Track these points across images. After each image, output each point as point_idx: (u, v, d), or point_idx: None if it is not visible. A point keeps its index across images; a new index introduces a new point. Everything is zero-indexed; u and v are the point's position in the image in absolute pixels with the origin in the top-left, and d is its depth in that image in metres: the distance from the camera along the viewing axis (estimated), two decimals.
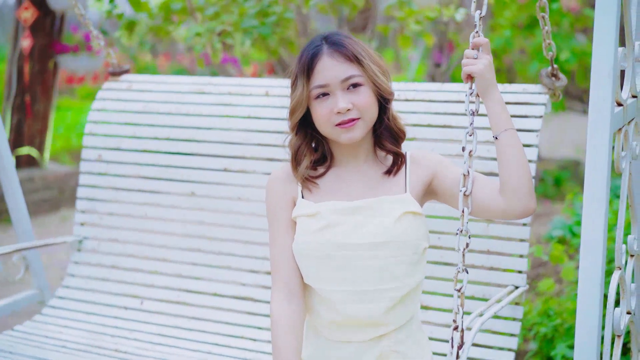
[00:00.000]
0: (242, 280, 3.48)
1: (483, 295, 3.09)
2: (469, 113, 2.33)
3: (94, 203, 3.79)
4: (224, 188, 3.55)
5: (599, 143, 2.20)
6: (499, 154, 2.35)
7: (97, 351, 3.32)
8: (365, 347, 2.43)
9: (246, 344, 3.34)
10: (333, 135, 2.41)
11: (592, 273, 2.16)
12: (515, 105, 3.14)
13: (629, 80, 2.44)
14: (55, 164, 8.54)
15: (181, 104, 3.71)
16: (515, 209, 2.32)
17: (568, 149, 9.26)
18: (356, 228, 2.37)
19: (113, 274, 3.70)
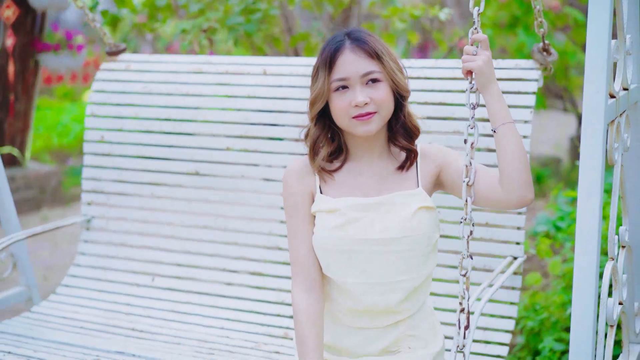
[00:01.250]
0: (249, 255, 3.61)
1: (483, 266, 3.24)
2: (470, 107, 2.45)
3: (99, 183, 3.88)
4: (227, 167, 3.65)
5: (593, 134, 2.30)
6: (498, 147, 2.47)
7: (113, 330, 3.46)
8: (382, 333, 2.58)
9: (257, 318, 3.48)
10: (350, 128, 2.52)
11: (587, 263, 2.28)
12: (508, 82, 3.24)
13: (621, 73, 2.54)
14: (36, 163, 8.48)
15: (180, 84, 3.78)
16: (513, 199, 2.44)
17: (548, 147, 9.35)
18: (374, 224, 2.50)
19: (123, 251, 3.82)
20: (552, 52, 3.25)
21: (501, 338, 3.18)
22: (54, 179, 8.03)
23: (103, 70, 3.97)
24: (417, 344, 2.60)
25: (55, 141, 9.46)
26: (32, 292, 3.88)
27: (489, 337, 3.19)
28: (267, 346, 3.32)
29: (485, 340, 3.19)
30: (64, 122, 10.10)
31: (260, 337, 3.39)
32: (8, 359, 3.06)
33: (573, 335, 2.32)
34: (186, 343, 3.34)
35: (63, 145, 9.37)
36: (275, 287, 3.54)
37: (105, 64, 4.00)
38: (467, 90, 2.46)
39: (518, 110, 3.19)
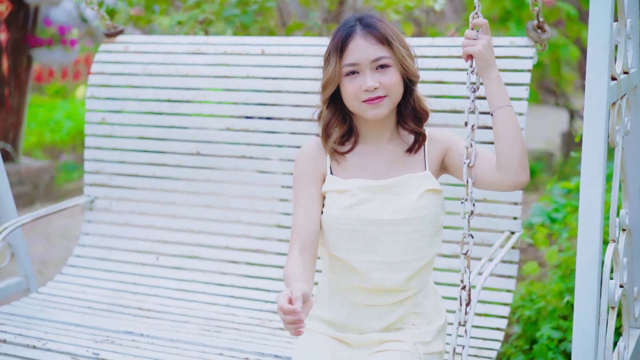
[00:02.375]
0: (251, 233, 3.68)
1: (482, 240, 3.32)
2: (470, 90, 2.52)
3: (101, 164, 3.94)
4: (228, 147, 3.71)
5: (596, 116, 2.34)
6: (495, 129, 2.54)
7: (121, 310, 3.54)
8: (387, 310, 2.67)
9: (261, 295, 3.57)
10: (360, 111, 2.60)
11: (590, 243, 2.34)
12: (504, 59, 3.29)
13: (622, 56, 2.59)
14: (29, 159, 8.48)
15: (180, 65, 3.82)
16: (507, 180, 2.52)
17: (541, 142, 9.40)
18: (383, 205, 2.59)
19: (126, 231, 3.88)
20: (546, 29, 3.30)
21: (500, 311, 3.27)
22: (47, 175, 8.04)
23: (102, 52, 4.01)
24: (421, 321, 2.69)
25: (48, 137, 9.48)
26: (29, 283, 3.93)
27: (488, 310, 3.28)
28: (272, 322, 3.41)
29: (485, 314, 3.27)
30: (56, 118, 10.11)
31: (265, 314, 3.48)
32: (19, 340, 3.13)
33: (576, 317, 2.38)
34: (193, 321, 3.42)
35: (55, 141, 9.39)
36: (278, 264, 3.61)
37: (103, 45, 4.03)
38: (468, 74, 2.53)
39: (513, 87, 3.24)
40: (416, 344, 2.63)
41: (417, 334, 2.66)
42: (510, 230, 3.28)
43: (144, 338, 3.22)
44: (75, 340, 3.16)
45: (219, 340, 3.21)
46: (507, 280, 3.30)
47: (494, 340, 3.21)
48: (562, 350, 3.69)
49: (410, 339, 2.64)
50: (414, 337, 2.65)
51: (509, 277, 3.30)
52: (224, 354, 3.07)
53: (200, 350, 3.10)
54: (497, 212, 3.31)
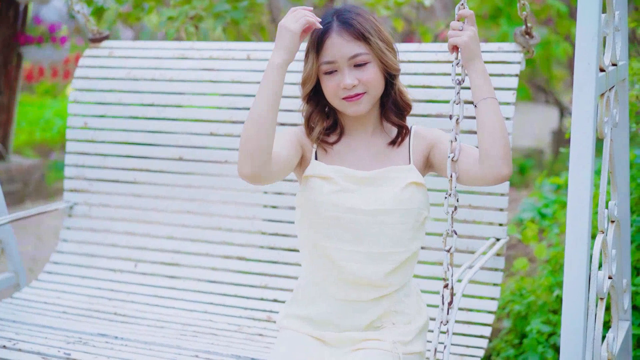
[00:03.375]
0: (233, 240, 3.61)
1: (467, 247, 3.25)
2: (455, 82, 2.48)
3: (82, 170, 3.87)
4: (211, 151, 3.65)
5: (584, 106, 2.32)
6: (478, 121, 2.50)
7: (97, 315, 3.45)
8: (366, 306, 2.59)
9: (240, 302, 3.48)
10: (340, 108, 2.58)
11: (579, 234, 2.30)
12: (491, 64, 3.26)
13: (610, 47, 2.57)
14: (19, 157, 8.44)
15: (165, 69, 3.78)
16: (489, 174, 2.47)
17: (531, 139, 9.46)
18: (366, 196, 2.54)
19: (106, 238, 3.80)
20: (534, 35, 3.27)
21: (484, 319, 3.19)
22: (37, 173, 7.99)
23: (86, 57, 3.96)
24: (401, 320, 2.62)
25: (38, 135, 9.43)
26: (19, 278, 3.87)
27: (472, 319, 3.20)
28: (250, 329, 3.32)
29: (468, 321, 3.20)
30: (46, 117, 10.06)
31: (244, 321, 3.39)
32: None
33: (565, 308, 2.34)
34: (170, 327, 3.33)
35: (46, 140, 9.32)
36: (259, 271, 3.54)
37: (88, 50, 3.98)
38: (453, 65, 2.49)
39: (501, 92, 3.20)
40: (395, 344, 2.56)
41: (396, 333, 2.59)
42: (496, 237, 3.21)
43: (118, 340, 3.13)
44: (46, 341, 3.08)
45: (195, 344, 3.12)
46: (491, 288, 3.23)
47: (477, 347, 3.13)
48: (552, 344, 3.67)
49: (389, 338, 2.57)
50: (393, 336, 2.58)
51: (494, 284, 3.22)
52: (200, 356, 2.98)
53: (175, 352, 3.02)
54: (482, 219, 3.24)
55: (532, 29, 3.26)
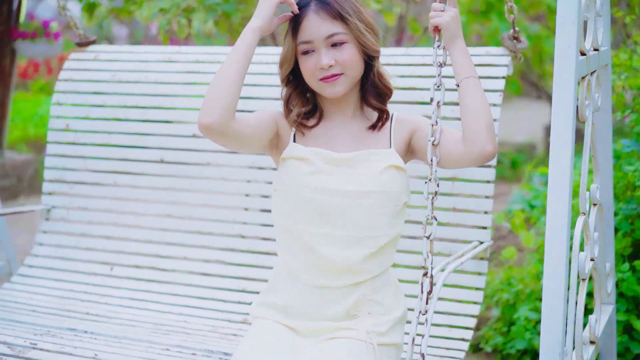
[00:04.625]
0: (212, 244, 3.53)
1: (449, 251, 3.18)
2: (436, 65, 2.45)
3: (62, 172, 3.80)
4: (193, 154, 3.59)
5: (564, 88, 2.32)
6: (461, 100, 2.47)
7: (67, 314, 3.35)
8: (342, 293, 2.50)
9: (217, 305, 3.40)
10: (318, 89, 2.53)
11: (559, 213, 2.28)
12: (479, 67, 3.22)
13: (591, 32, 2.56)
14: (13, 152, 8.42)
15: (149, 72, 3.74)
16: (474, 152, 2.42)
17: (523, 134, 9.50)
18: (343, 177, 2.48)
19: (82, 241, 3.72)
20: (521, 40, 3.26)
21: (466, 322, 3.10)
22: (31, 168, 7.93)
23: (71, 60, 3.93)
24: (378, 310, 2.53)
25: (32, 132, 9.38)
26: (12, 267, 3.82)
27: (454, 322, 3.11)
28: (225, 329, 3.23)
29: (449, 325, 3.11)
30: (40, 113, 10.04)
31: (219, 322, 3.31)
32: None
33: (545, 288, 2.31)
34: (142, 325, 3.24)
35: (39, 136, 9.26)
36: (237, 275, 3.46)
37: (74, 54, 3.95)
38: (434, 48, 2.46)
39: (488, 94, 3.16)
40: (370, 334, 2.47)
41: (371, 323, 2.50)
42: (479, 240, 3.14)
43: (87, 334, 3.04)
44: (14, 332, 3.00)
45: (167, 339, 3.03)
46: (474, 292, 3.14)
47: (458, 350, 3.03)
48: (539, 331, 3.59)
49: (363, 328, 2.48)
50: (368, 326, 2.48)
51: (476, 289, 3.14)
52: (171, 349, 2.89)
53: (145, 346, 2.93)
54: (466, 222, 3.18)
55: (520, 33, 3.24)
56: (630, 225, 3.53)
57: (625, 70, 3.53)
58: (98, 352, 2.75)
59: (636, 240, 3.57)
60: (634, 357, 3.55)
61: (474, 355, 4.10)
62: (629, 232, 3.56)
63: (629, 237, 3.56)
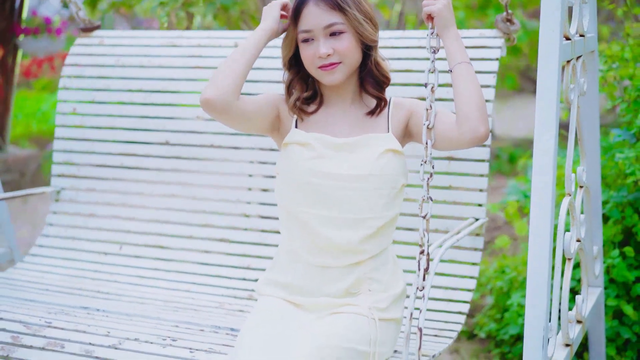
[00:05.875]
0: (216, 223, 3.65)
1: (446, 228, 3.29)
2: (430, 51, 2.57)
3: (70, 155, 3.91)
4: (197, 136, 3.70)
5: (548, 70, 2.41)
6: (454, 85, 2.58)
7: (79, 293, 3.47)
8: (343, 272, 2.63)
9: (223, 282, 3.52)
10: (317, 76, 2.65)
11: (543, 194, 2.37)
12: (473, 49, 3.33)
13: (576, 17, 2.65)
14: (16, 147, 8.49)
15: (152, 56, 3.84)
16: (467, 133, 2.53)
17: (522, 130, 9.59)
18: (342, 161, 2.60)
19: (91, 222, 3.84)
20: (514, 22, 3.35)
21: (463, 296, 3.22)
22: (34, 163, 8.01)
23: (77, 45, 4.03)
24: (378, 287, 2.65)
25: (35, 127, 9.47)
26: (14, 254, 3.91)
27: (451, 296, 3.23)
28: (231, 305, 3.35)
29: (447, 299, 3.23)
30: (43, 109, 10.12)
31: (225, 299, 3.43)
32: None
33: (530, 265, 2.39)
34: (151, 303, 3.36)
35: (42, 131, 9.35)
36: (241, 252, 3.58)
37: (79, 39, 4.05)
38: (428, 35, 2.57)
39: (482, 75, 3.26)
40: (371, 309, 2.59)
41: (372, 299, 2.63)
42: (475, 217, 3.26)
43: (99, 312, 3.17)
44: (28, 311, 3.10)
45: (175, 316, 3.15)
46: (470, 267, 3.26)
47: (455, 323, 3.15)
48: None
49: (365, 304, 2.60)
50: (369, 303, 2.61)
51: (472, 264, 3.26)
52: (180, 326, 3.02)
53: (155, 322, 3.05)
54: (461, 199, 3.29)
55: (513, 16, 3.34)
56: (621, 213, 3.62)
57: (617, 61, 3.62)
58: (111, 330, 2.87)
59: (626, 227, 3.65)
60: (624, 341, 3.65)
61: (468, 342, 4.22)
62: (620, 220, 3.64)
63: (620, 225, 3.64)
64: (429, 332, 3.05)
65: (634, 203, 3.62)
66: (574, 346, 2.80)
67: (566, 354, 2.69)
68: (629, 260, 3.61)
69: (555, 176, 2.38)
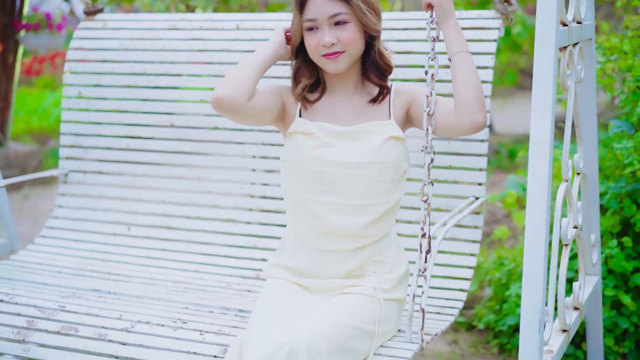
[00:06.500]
0: (222, 203, 3.73)
1: (447, 207, 3.37)
2: (430, 40, 2.63)
3: (77, 138, 3.99)
4: (201, 118, 3.77)
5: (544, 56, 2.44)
6: (453, 74, 2.65)
7: (90, 274, 3.56)
8: (347, 256, 2.72)
9: (230, 262, 3.60)
10: (320, 64, 2.72)
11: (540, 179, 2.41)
12: (471, 30, 3.38)
13: (573, 4, 2.69)
14: (17, 143, 8.51)
15: (156, 40, 3.90)
16: (465, 120, 2.61)
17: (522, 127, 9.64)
18: (346, 149, 2.68)
19: (100, 203, 3.92)
20: (512, 3, 3.39)
21: (464, 274, 3.31)
22: (35, 159, 8.06)
23: (80, 29, 4.08)
24: (382, 269, 2.73)
25: (36, 124, 9.51)
26: (14, 245, 3.97)
27: (452, 273, 3.32)
28: (239, 285, 3.44)
29: (448, 276, 3.31)
30: (44, 106, 10.14)
31: (233, 279, 3.51)
32: None
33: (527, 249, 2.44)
34: (161, 284, 3.45)
35: (43, 128, 9.40)
36: (247, 232, 3.66)
37: (82, 22, 4.10)
38: (428, 24, 2.63)
39: (480, 56, 3.32)
40: (376, 290, 2.68)
41: (377, 281, 2.71)
42: (475, 195, 3.33)
43: (111, 295, 3.25)
44: (42, 295, 3.18)
45: (185, 297, 3.24)
46: (470, 245, 3.34)
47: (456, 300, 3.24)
48: None
49: (370, 285, 2.69)
50: (374, 284, 2.69)
51: (473, 241, 3.34)
52: (190, 308, 3.10)
53: (166, 304, 3.13)
54: (462, 179, 3.36)
55: None
56: (619, 204, 3.67)
57: (616, 53, 3.65)
58: (123, 313, 2.95)
59: (625, 218, 3.70)
60: (623, 332, 3.71)
61: (467, 333, 4.29)
62: (618, 210, 3.69)
63: (618, 215, 3.69)
64: (431, 309, 3.14)
65: (632, 194, 3.67)
66: (570, 332, 2.86)
67: (563, 339, 2.76)
68: (627, 250, 3.66)
69: (552, 159, 2.43)
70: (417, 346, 2.64)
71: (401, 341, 2.69)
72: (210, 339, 2.76)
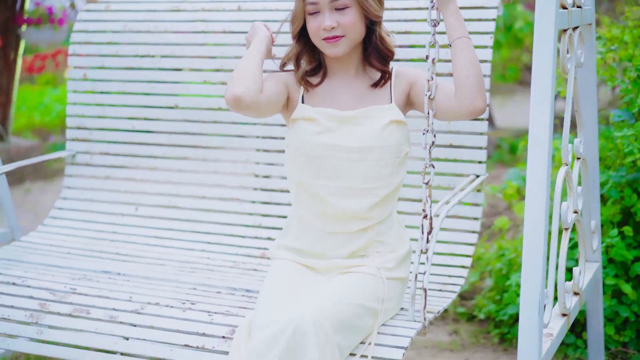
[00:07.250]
0: (227, 183, 3.79)
1: (448, 184, 3.43)
2: (431, 25, 2.67)
3: (82, 120, 4.05)
4: (206, 99, 3.82)
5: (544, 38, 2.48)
6: (453, 59, 2.69)
7: (100, 255, 3.64)
8: (351, 238, 2.78)
9: (236, 241, 3.67)
10: (321, 48, 2.77)
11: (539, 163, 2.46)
12: (470, 10, 3.42)
13: None
14: (19, 138, 8.54)
15: (159, 22, 3.94)
16: (464, 105, 2.66)
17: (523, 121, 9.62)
18: (348, 134, 2.73)
19: (107, 184, 3.99)
20: None
21: (465, 250, 3.37)
22: (36, 154, 8.03)
23: (84, 11, 4.12)
24: (385, 249, 2.80)
25: (37, 119, 9.56)
26: (14, 234, 4.02)
27: (453, 250, 3.38)
28: (245, 265, 3.51)
29: (450, 253, 3.38)
30: (45, 102, 10.18)
31: (239, 257, 3.58)
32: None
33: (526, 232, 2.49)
34: (169, 264, 3.52)
35: (45, 123, 9.45)
36: (253, 211, 3.72)
37: (86, 5, 4.14)
38: (429, 9, 2.67)
39: (479, 36, 3.36)
40: (379, 269, 2.74)
41: (380, 260, 2.78)
42: (476, 173, 3.39)
43: (120, 276, 3.32)
44: (53, 278, 3.25)
45: (193, 278, 3.31)
46: (471, 222, 3.41)
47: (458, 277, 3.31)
48: None
49: (373, 265, 2.75)
50: (377, 263, 2.76)
51: (474, 218, 3.40)
52: (198, 288, 3.17)
53: (174, 285, 3.20)
54: (462, 157, 3.42)
55: None
56: (620, 193, 3.71)
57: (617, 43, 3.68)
58: (132, 295, 3.03)
59: (625, 207, 3.74)
60: (623, 320, 3.76)
61: (468, 323, 4.34)
62: (619, 200, 3.73)
63: (618, 205, 3.73)
64: (433, 287, 3.21)
65: (633, 183, 3.71)
66: (570, 317, 2.91)
67: (563, 323, 2.82)
68: (627, 240, 3.70)
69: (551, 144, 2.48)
70: (419, 324, 2.71)
71: (404, 320, 2.76)
72: (218, 320, 2.83)
